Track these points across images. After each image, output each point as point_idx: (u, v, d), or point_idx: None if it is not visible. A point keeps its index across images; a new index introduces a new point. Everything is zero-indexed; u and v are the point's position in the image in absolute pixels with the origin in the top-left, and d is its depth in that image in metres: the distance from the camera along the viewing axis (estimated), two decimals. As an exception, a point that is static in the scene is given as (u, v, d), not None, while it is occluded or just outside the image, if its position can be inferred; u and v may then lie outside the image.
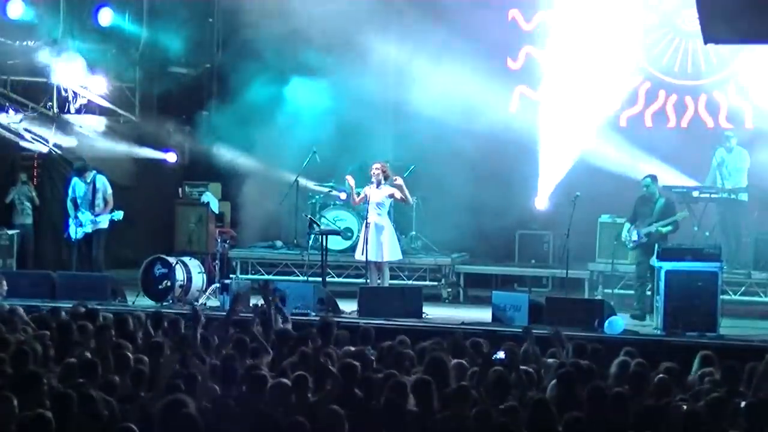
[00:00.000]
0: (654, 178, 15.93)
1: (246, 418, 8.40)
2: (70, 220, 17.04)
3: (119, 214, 16.81)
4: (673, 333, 14.08)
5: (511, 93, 19.13)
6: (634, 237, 15.66)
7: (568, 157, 18.16)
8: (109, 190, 17.09)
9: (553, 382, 9.43)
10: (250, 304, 14.71)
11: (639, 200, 15.90)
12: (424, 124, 18.37)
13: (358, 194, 16.32)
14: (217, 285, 16.22)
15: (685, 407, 8.63)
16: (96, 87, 19.43)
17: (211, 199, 18.58)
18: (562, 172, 18.22)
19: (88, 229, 16.90)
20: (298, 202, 18.40)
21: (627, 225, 15.86)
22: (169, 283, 16.21)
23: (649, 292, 15.46)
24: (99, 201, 16.99)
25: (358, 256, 16.24)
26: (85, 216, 16.92)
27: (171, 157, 19.94)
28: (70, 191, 17.16)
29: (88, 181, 17.04)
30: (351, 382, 9.25)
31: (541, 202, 18.37)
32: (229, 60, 19.91)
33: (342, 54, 18.55)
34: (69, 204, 17.12)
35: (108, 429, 8.05)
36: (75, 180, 17.15)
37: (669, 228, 15.57)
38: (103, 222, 16.92)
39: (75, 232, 16.97)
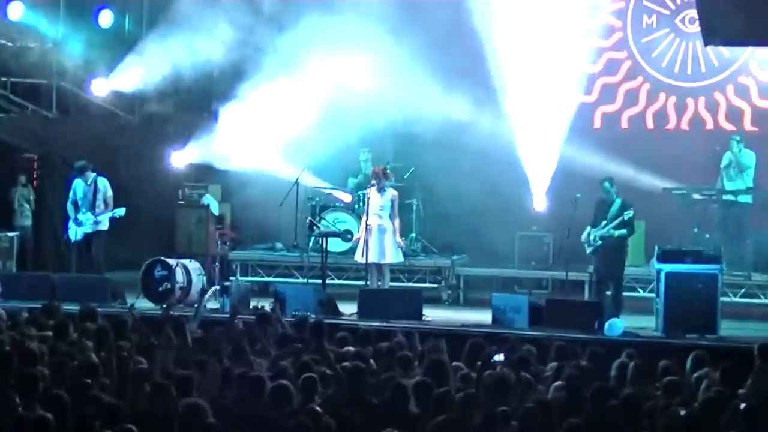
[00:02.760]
0: (612, 180, 15.78)
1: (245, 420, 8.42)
2: (70, 222, 17.06)
3: (121, 211, 16.84)
4: (674, 335, 14.08)
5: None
6: (592, 240, 15.53)
7: (549, 158, 18.11)
8: (110, 192, 17.10)
9: (556, 384, 9.44)
10: (250, 306, 14.80)
11: (598, 203, 15.71)
12: (425, 125, 18.37)
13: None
14: (217, 287, 16.22)
15: (683, 410, 8.64)
16: (96, 88, 19.42)
17: (211, 201, 18.55)
18: (549, 173, 18.18)
19: (89, 229, 16.90)
20: (298, 204, 18.39)
21: (588, 228, 15.61)
22: (169, 285, 16.21)
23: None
24: (99, 202, 17.00)
25: (358, 257, 16.30)
26: (85, 217, 16.93)
27: (178, 159, 19.68)
28: (70, 193, 17.16)
29: (89, 182, 17.05)
30: (353, 383, 9.27)
31: (540, 203, 18.37)
32: (231, 61, 19.85)
33: (342, 54, 18.57)
34: (69, 206, 17.12)
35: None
36: (76, 181, 17.16)
37: (623, 231, 15.37)
38: (104, 223, 16.94)
39: (75, 234, 16.99)
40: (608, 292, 15.46)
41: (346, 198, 18.34)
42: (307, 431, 8.05)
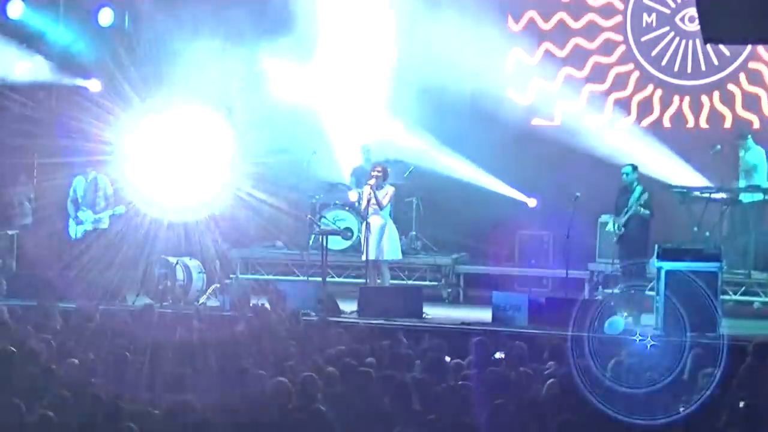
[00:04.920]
0: (635, 167, 15.85)
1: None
2: (70, 220, 17.06)
3: (121, 209, 16.85)
4: (673, 333, 14.07)
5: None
6: (616, 229, 15.64)
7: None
8: (110, 190, 17.11)
9: (550, 381, 9.46)
10: (250, 304, 14.81)
11: (619, 191, 15.86)
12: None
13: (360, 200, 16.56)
14: (217, 285, 16.23)
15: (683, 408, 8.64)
16: (96, 87, 19.40)
17: (211, 198, 18.55)
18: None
19: (89, 227, 16.92)
20: (298, 202, 18.39)
21: (611, 218, 15.87)
22: (169, 283, 16.21)
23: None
24: (100, 200, 17.01)
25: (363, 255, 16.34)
26: (85, 215, 16.94)
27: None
28: (71, 191, 17.17)
29: (89, 180, 17.07)
30: (351, 381, 9.28)
31: (530, 200, 18.43)
32: (238, 48, 19.84)
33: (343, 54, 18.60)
34: (69, 204, 17.13)
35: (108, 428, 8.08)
36: (76, 179, 17.17)
37: (647, 211, 15.45)
38: (104, 221, 16.95)
39: (75, 232, 16.99)
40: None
41: (353, 196, 18.30)
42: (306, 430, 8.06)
